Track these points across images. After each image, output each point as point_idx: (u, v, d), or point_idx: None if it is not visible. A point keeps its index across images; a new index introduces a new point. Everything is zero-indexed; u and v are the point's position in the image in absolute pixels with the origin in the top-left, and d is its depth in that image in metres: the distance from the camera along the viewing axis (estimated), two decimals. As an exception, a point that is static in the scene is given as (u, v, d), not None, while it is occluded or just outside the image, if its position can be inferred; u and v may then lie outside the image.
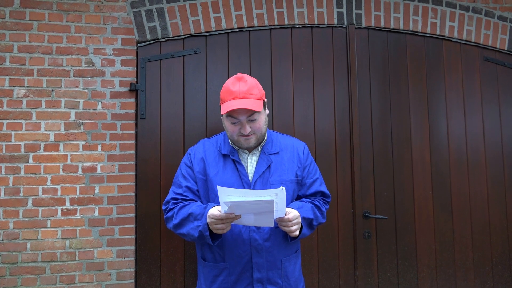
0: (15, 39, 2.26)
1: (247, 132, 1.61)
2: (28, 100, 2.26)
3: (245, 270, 1.62)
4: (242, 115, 1.58)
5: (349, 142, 2.56)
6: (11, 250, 2.19)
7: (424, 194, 2.64)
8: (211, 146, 1.76)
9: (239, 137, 1.64)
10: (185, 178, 1.72)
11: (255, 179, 1.65)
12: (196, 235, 1.55)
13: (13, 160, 2.22)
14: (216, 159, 1.71)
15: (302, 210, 1.63)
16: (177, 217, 1.63)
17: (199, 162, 1.72)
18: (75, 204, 2.25)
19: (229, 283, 1.63)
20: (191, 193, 1.70)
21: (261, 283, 1.61)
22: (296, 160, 1.75)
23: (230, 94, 1.59)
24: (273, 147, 1.73)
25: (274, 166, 1.69)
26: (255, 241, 1.61)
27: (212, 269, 1.67)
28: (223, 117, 1.66)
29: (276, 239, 1.64)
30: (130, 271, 2.28)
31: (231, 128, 1.63)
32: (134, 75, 2.37)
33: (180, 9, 2.42)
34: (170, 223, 1.68)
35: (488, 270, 2.71)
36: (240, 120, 1.60)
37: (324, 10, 2.59)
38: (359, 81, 2.61)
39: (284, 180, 1.69)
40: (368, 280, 2.52)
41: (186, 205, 1.65)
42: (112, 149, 2.32)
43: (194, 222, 1.56)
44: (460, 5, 2.78)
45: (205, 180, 1.69)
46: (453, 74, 2.76)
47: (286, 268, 1.67)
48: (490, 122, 2.80)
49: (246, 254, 1.61)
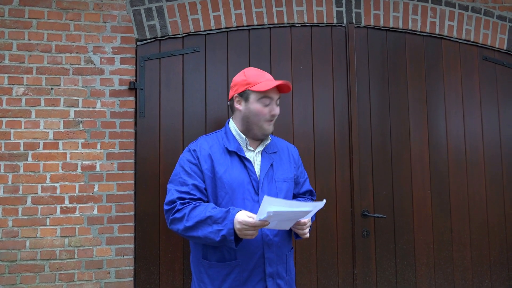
0: (14, 37, 2.26)
1: (277, 113, 1.70)
2: (27, 98, 2.26)
3: (257, 266, 1.62)
4: (276, 95, 1.69)
5: (348, 141, 2.57)
6: (10, 248, 2.19)
7: (422, 193, 2.65)
8: (215, 143, 1.71)
9: (265, 122, 1.69)
10: (190, 175, 1.63)
11: (262, 177, 1.67)
12: (217, 239, 1.49)
13: (12, 158, 2.22)
14: (223, 156, 1.67)
15: None
16: (189, 219, 1.54)
17: (207, 159, 1.65)
18: (74, 202, 2.26)
19: (241, 280, 1.61)
20: (198, 192, 1.62)
21: (272, 277, 1.64)
22: (292, 160, 1.82)
23: (262, 76, 1.68)
24: (271, 147, 1.77)
25: (276, 164, 1.74)
26: (266, 236, 1.63)
27: (221, 269, 1.62)
28: (250, 102, 1.67)
29: (283, 234, 1.69)
30: (129, 269, 2.29)
31: (261, 111, 1.67)
32: (134, 73, 2.38)
33: (180, 8, 2.42)
34: (179, 224, 1.58)
35: (486, 269, 2.72)
36: (272, 100, 1.67)
37: (323, 9, 2.59)
38: (358, 80, 2.61)
39: (286, 178, 1.74)
40: (366, 278, 2.53)
41: (198, 206, 1.57)
42: (111, 148, 2.32)
43: (213, 225, 1.49)
44: (459, 5, 2.78)
45: (213, 178, 1.64)
46: (452, 73, 2.76)
47: (289, 262, 1.73)
48: (489, 121, 2.81)
49: (258, 250, 1.62)
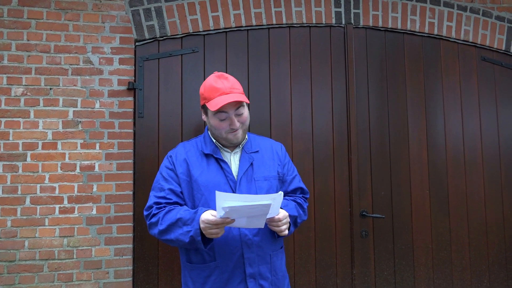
0: (13, 38, 2.26)
1: (237, 126, 1.63)
2: (26, 98, 2.26)
3: (237, 267, 1.61)
4: (231, 109, 1.60)
5: (346, 141, 2.57)
6: (9, 248, 2.19)
7: (421, 194, 2.65)
8: (192, 148, 1.74)
9: (227, 134, 1.65)
10: (167, 180, 1.67)
11: (240, 177, 1.66)
12: (187, 241, 1.51)
13: (11, 158, 2.22)
14: (199, 159, 1.69)
15: (287, 208, 1.66)
16: (163, 223, 1.57)
17: (182, 163, 1.69)
18: (73, 202, 2.26)
19: (221, 281, 1.61)
20: (174, 196, 1.65)
21: (253, 278, 1.61)
22: (276, 158, 1.79)
23: (215, 91, 1.61)
24: (252, 146, 1.76)
25: (256, 163, 1.72)
26: (245, 236, 1.61)
27: (201, 271, 1.63)
28: (209, 116, 1.67)
29: (265, 233, 1.66)
30: (127, 269, 2.29)
31: (219, 125, 1.64)
32: (132, 73, 2.38)
33: (178, 8, 2.43)
34: (154, 229, 1.62)
35: (484, 270, 2.72)
36: (228, 115, 1.61)
37: (322, 9, 2.60)
38: (357, 80, 2.61)
39: (267, 176, 1.71)
40: (365, 279, 2.53)
41: (172, 210, 1.60)
42: (110, 148, 2.32)
43: (183, 227, 1.52)
44: (458, 5, 2.79)
45: (189, 181, 1.66)
46: (450, 74, 2.77)
47: (274, 262, 1.69)
48: (487, 121, 2.81)
49: (237, 250, 1.61)
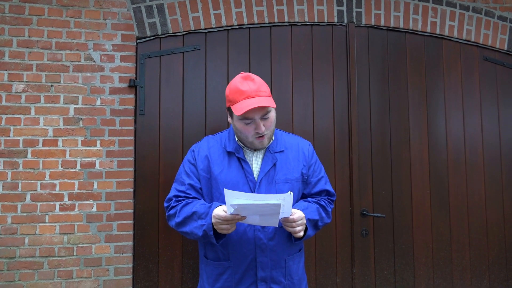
0: (15, 34, 2.26)
1: (263, 130, 1.56)
2: (27, 95, 2.25)
3: (249, 269, 1.61)
4: (257, 114, 1.53)
5: (347, 140, 2.56)
6: (9, 245, 2.19)
7: (421, 193, 2.65)
8: (216, 143, 1.72)
9: (254, 139, 1.59)
10: (188, 175, 1.68)
11: (261, 178, 1.63)
12: (200, 234, 1.53)
13: (11, 155, 2.22)
14: (221, 157, 1.67)
15: (307, 211, 1.62)
16: (180, 215, 1.60)
17: (203, 160, 1.68)
18: (74, 199, 2.26)
19: (233, 281, 1.62)
20: (194, 191, 1.67)
21: (265, 281, 1.60)
22: (302, 159, 1.72)
23: (241, 94, 1.53)
24: (278, 146, 1.70)
25: (280, 164, 1.67)
26: (259, 240, 1.60)
27: (215, 268, 1.65)
28: (234, 119, 1.60)
29: (281, 238, 1.63)
30: (128, 267, 2.29)
31: (245, 129, 1.57)
32: (134, 71, 2.37)
33: (180, 6, 2.42)
34: (172, 220, 1.65)
35: (484, 269, 2.72)
36: (254, 119, 1.54)
37: (324, 8, 2.59)
38: (359, 79, 2.61)
39: (289, 178, 1.67)
40: (365, 278, 2.53)
41: (189, 203, 1.62)
42: (111, 145, 2.32)
43: (198, 221, 1.54)
44: (460, 5, 2.78)
45: (209, 178, 1.66)
46: (452, 73, 2.76)
47: (290, 267, 1.66)
48: (489, 122, 2.81)
49: (251, 253, 1.60)
